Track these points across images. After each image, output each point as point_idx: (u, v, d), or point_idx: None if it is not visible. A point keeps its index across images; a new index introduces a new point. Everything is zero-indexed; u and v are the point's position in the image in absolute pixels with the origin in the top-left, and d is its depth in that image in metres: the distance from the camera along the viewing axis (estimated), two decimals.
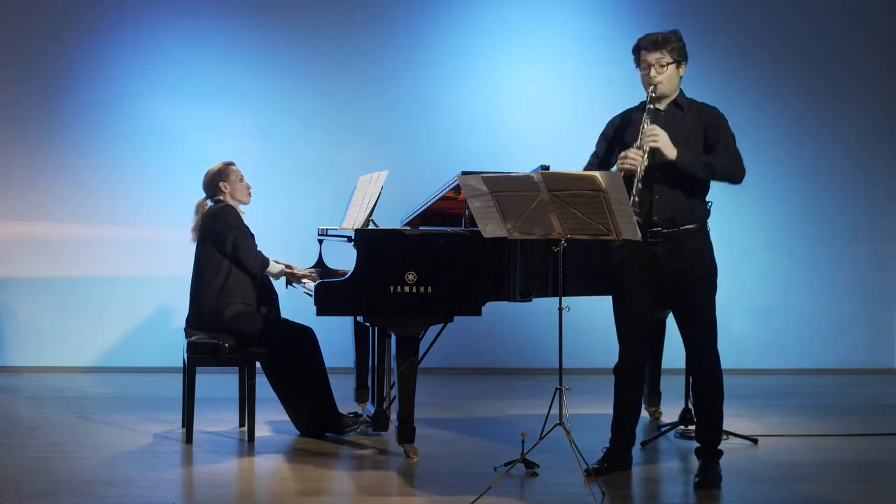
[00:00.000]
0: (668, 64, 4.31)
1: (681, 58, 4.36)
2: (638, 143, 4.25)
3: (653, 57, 4.31)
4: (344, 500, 4.23)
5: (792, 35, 7.87)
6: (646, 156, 4.22)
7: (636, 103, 4.53)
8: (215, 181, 5.27)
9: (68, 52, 7.46)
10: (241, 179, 5.32)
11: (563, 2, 7.76)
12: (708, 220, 4.41)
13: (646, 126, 4.26)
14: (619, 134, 4.49)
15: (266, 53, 7.58)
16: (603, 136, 4.58)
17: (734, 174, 4.33)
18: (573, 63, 7.71)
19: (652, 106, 4.32)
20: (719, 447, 4.47)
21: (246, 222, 5.29)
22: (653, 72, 4.32)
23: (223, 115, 7.53)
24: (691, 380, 4.48)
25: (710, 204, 4.42)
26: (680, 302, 4.37)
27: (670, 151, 4.23)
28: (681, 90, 4.42)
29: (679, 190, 4.30)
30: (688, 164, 4.26)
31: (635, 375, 4.53)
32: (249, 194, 5.34)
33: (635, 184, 4.19)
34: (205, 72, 7.53)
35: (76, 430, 5.43)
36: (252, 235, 5.27)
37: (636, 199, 4.16)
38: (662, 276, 4.34)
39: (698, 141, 4.34)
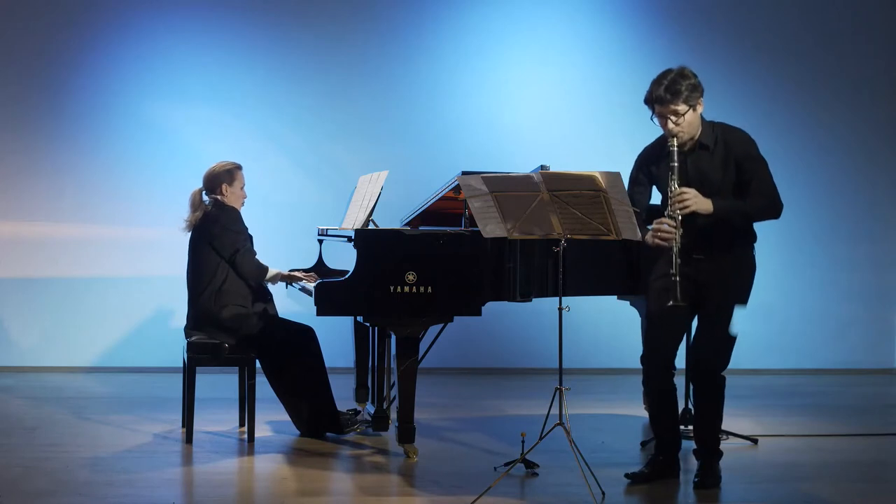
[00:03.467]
0: (684, 113, 4.14)
1: (695, 100, 4.15)
2: (669, 210, 4.11)
3: (667, 110, 4.14)
4: (344, 500, 4.23)
5: (792, 35, 7.87)
6: (679, 222, 4.10)
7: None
8: (220, 180, 5.23)
9: (68, 52, 7.46)
10: (243, 187, 5.30)
11: (564, 2, 7.76)
12: (755, 244, 4.35)
13: (674, 188, 4.11)
14: (651, 174, 4.34)
15: (266, 54, 7.58)
16: (635, 182, 4.41)
17: (773, 212, 4.26)
18: (573, 63, 7.70)
19: (675, 164, 4.12)
20: (719, 447, 4.46)
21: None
22: (670, 124, 4.15)
23: (223, 116, 7.53)
24: (693, 380, 4.45)
25: None
26: (709, 305, 4.29)
27: (705, 209, 4.12)
28: (703, 121, 4.24)
29: (720, 224, 4.21)
30: (723, 216, 4.17)
31: (668, 382, 4.41)
32: (243, 203, 5.32)
33: (674, 258, 4.08)
34: (205, 72, 7.53)
35: (76, 430, 5.43)
36: (251, 238, 5.26)
37: (677, 277, 4.05)
38: (700, 286, 4.26)
39: (731, 179, 4.22)
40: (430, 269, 4.65)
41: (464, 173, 4.35)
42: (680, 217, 4.11)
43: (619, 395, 6.43)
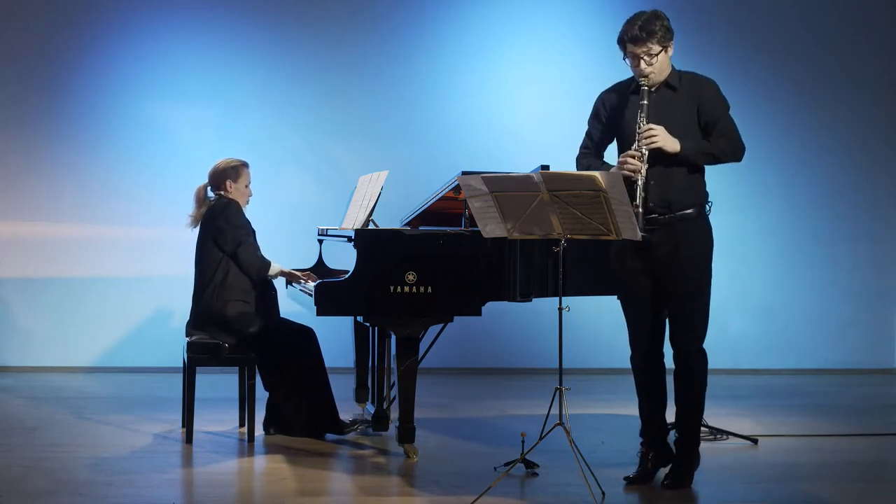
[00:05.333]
0: (656, 54, 4.18)
1: (668, 41, 4.21)
2: (636, 144, 4.14)
3: (639, 50, 4.19)
4: (344, 500, 4.23)
5: (792, 35, 7.88)
6: (646, 158, 4.13)
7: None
8: (225, 176, 5.24)
9: (68, 52, 7.46)
10: (248, 185, 5.31)
11: (564, 2, 7.76)
12: (707, 205, 4.31)
13: (642, 125, 4.15)
14: (615, 116, 4.35)
15: (266, 54, 7.58)
16: (596, 118, 4.43)
17: (735, 155, 4.24)
18: (573, 63, 7.70)
19: (646, 102, 4.17)
20: (698, 443, 4.42)
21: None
22: (642, 64, 4.20)
23: (223, 116, 7.53)
24: (674, 362, 4.34)
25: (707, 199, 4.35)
26: (670, 285, 4.25)
27: (672, 146, 4.14)
28: (672, 66, 4.29)
29: (675, 173, 4.21)
30: (689, 156, 4.18)
31: (654, 364, 4.41)
32: (248, 202, 5.33)
33: (638, 191, 4.10)
34: (205, 72, 7.53)
35: (76, 430, 5.43)
36: (254, 233, 5.26)
37: (639, 209, 4.08)
38: (657, 262, 4.26)
39: (692, 121, 4.23)
40: (430, 269, 4.65)
41: (464, 173, 4.34)
42: (646, 152, 4.12)
43: (619, 395, 6.42)
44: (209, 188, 5.28)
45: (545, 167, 4.39)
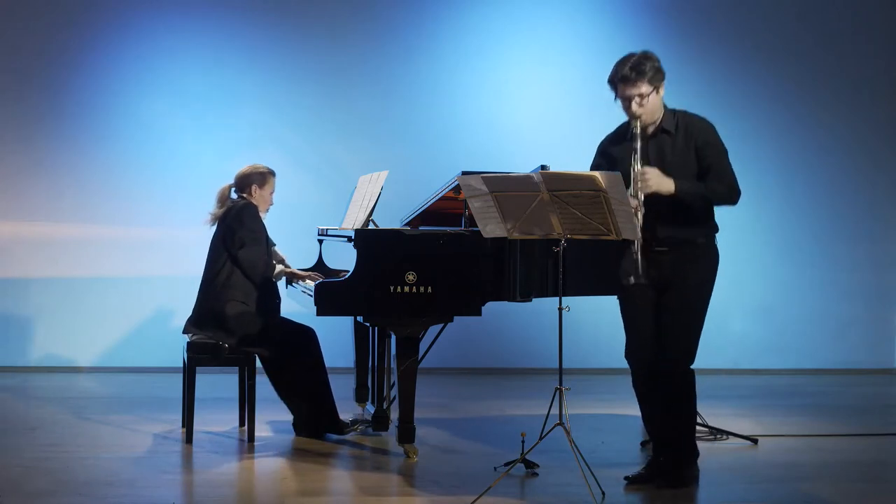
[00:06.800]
0: (647, 94, 4.17)
1: (658, 81, 4.20)
2: (631, 189, 4.12)
3: (630, 91, 4.17)
4: (344, 500, 4.23)
5: (792, 35, 7.88)
6: (641, 202, 4.11)
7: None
8: (251, 181, 5.28)
9: (68, 52, 7.46)
10: (272, 193, 5.33)
11: (564, 2, 7.76)
12: (717, 234, 4.33)
13: (636, 169, 4.14)
14: (614, 165, 4.33)
15: (267, 54, 7.58)
16: (596, 168, 4.43)
17: (731, 199, 4.26)
18: (573, 63, 7.71)
19: (638, 145, 4.16)
20: (695, 447, 4.40)
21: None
22: (633, 106, 4.18)
23: (223, 115, 7.53)
24: (661, 376, 4.34)
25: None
26: (669, 294, 4.26)
27: (667, 188, 4.13)
28: (664, 107, 4.28)
29: (681, 211, 4.21)
30: (685, 197, 4.18)
31: (651, 368, 4.38)
32: (268, 210, 5.35)
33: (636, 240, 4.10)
34: (205, 72, 7.53)
35: (76, 430, 5.43)
36: (267, 240, 5.25)
37: (638, 255, 4.08)
38: (662, 278, 4.28)
39: (692, 164, 4.23)
40: (430, 269, 4.65)
41: (464, 173, 4.34)
42: (642, 197, 4.12)
43: (619, 395, 6.42)
44: (233, 189, 5.30)
45: (545, 167, 4.39)
